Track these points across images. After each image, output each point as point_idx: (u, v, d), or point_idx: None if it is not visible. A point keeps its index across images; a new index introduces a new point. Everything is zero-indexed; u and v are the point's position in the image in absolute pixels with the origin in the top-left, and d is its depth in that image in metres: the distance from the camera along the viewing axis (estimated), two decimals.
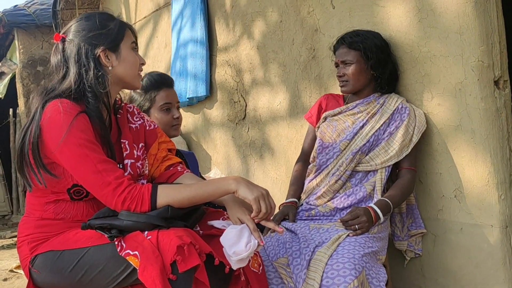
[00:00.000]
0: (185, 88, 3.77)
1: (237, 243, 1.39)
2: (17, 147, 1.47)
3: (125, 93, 2.77)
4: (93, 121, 1.47)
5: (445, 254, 2.04)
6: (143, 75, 1.93)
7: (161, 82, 2.15)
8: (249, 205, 1.45)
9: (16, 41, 7.83)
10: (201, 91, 3.60)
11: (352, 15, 2.32)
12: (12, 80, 7.67)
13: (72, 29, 1.53)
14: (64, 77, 1.51)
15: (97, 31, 1.51)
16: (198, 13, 3.57)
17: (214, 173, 3.56)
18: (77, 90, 1.48)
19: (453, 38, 1.88)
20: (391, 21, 2.12)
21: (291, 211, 2.02)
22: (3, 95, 7.70)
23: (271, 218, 1.53)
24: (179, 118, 2.17)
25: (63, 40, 1.53)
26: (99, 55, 1.50)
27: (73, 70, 1.49)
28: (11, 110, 7.60)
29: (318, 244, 1.76)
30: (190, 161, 2.23)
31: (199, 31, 3.57)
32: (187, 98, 3.76)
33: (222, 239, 1.41)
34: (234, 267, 1.43)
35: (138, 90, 2.16)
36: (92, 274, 1.39)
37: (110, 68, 1.52)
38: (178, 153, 2.21)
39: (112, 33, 1.53)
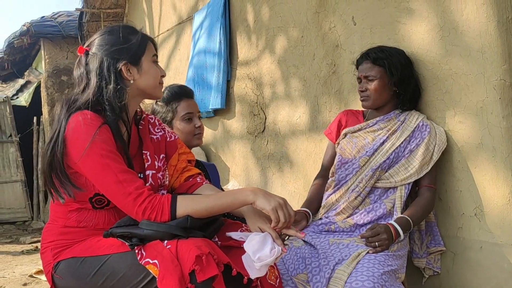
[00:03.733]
0: (201, 99, 3.82)
1: (262, 249, 1.40)
2: (46, 162, 1.50)
3: (146, 104, 2.83)
4: (113, 133, 1.51)
5: (464, 273, 2.02)
6: (164, 86, 1.98)
7: (181, 93, 2.21)
8: (268, 215, 1.46)
9: (42, 51, 8.03)
10: (217, 103, 3.64)
11: (373, 31, 2.33)
12: (37, 89, 7.85)
13: (95, 43, 1.56)
14: (84, 89, 1.54)
15: (120, 45, 1.54)
16: (217, 26, 3.63)
17: (232, 185, 3.58)
18: (96, 102, 1.51)
19: (475, 56, 1.88)
20: (412, 38, 2.13)
21: (303, 219, 2.03)
22: (28, 103, 7.88)
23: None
24: (201, 127, 2.23)
25: (87, 53, 1.56)
26: (121, 69, 1.54)
27: (93, 83, 1.52)
28: (35, 118, 7.76)
29: (338, 262, 1.76)
30: (212, 173, 2.26)
31: (218, 44, 3.63)
32: (204, 111, 3.81)
33: (246, 245, 1.42)
34: (253, 276, 1.43)
35: (159, 103, 2.21)
36: (113, 281, 1.41)
37: (131, 81, 1.55)
38: (200, 164, 2.24)
39: (134, 47, 1.56)
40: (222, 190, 1.99)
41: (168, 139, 1.73)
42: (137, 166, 1.59)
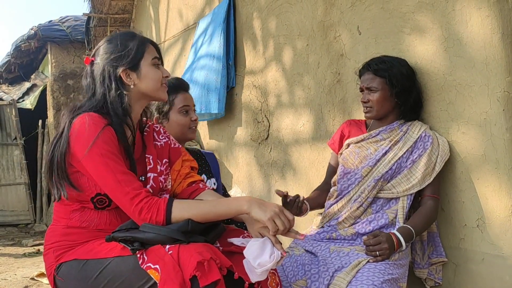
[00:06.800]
0: (201, 102, 3.84)
1: (261, 255, 1.41)
2: (48, 160, 1.55)
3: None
4: (118, 135, 1.54)
5: (465, 284, 2.01)
6: None
7: (179, 86, 2.21)
8: None
9: (49, 55, 8.09)
10: (215, 108, 3.66)
11: (378, 41, 2.34)
12: (43, 92, 7.91)
13: (99, 52, 1.64)
14: (91, 97, 1.61)
15: (118, 53, 1.60)
16: (219, 31, 3.65)
17: (234, 191, 3.59)
18: (103, 107, 1.57)
19: (479, 68, 1.89)
20: (417, 49, 2.14)
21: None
22: (34, 106, 7.93)
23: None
24: (196, 121, 2.24)
25: (92, 63, 1.64)
26: (120, 75, 1.59)
27: (99, 91, 1.59)
28: (40, 121, 7.81)
29: (338, 269, 1.76)
30: (211, 161, 2.30)
31: (217, 49, 3.65)
32: (205, 113, 3.83)
33: (246, 252, 1.43)
34: (254, 280, 1.44)
35: None
36: (114, 284, 1.42)
37: (132, 86, 1.61)
38: (198, 152, 2.29)
39: (132, 53, 1.60)
40: (219, 179, 2.00)
41: (172, 145, 1.77)
42: (140, 169, 1.62)
